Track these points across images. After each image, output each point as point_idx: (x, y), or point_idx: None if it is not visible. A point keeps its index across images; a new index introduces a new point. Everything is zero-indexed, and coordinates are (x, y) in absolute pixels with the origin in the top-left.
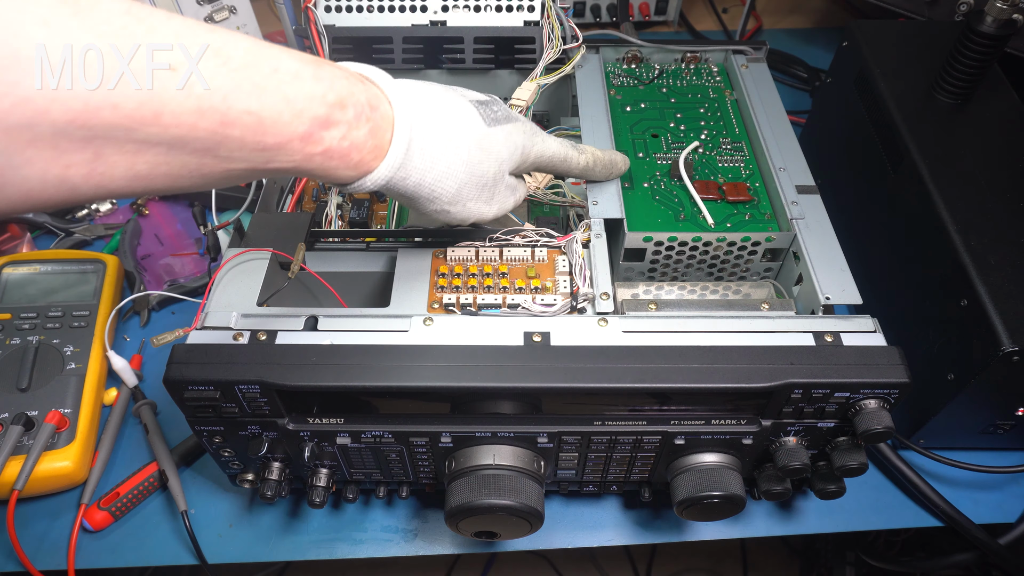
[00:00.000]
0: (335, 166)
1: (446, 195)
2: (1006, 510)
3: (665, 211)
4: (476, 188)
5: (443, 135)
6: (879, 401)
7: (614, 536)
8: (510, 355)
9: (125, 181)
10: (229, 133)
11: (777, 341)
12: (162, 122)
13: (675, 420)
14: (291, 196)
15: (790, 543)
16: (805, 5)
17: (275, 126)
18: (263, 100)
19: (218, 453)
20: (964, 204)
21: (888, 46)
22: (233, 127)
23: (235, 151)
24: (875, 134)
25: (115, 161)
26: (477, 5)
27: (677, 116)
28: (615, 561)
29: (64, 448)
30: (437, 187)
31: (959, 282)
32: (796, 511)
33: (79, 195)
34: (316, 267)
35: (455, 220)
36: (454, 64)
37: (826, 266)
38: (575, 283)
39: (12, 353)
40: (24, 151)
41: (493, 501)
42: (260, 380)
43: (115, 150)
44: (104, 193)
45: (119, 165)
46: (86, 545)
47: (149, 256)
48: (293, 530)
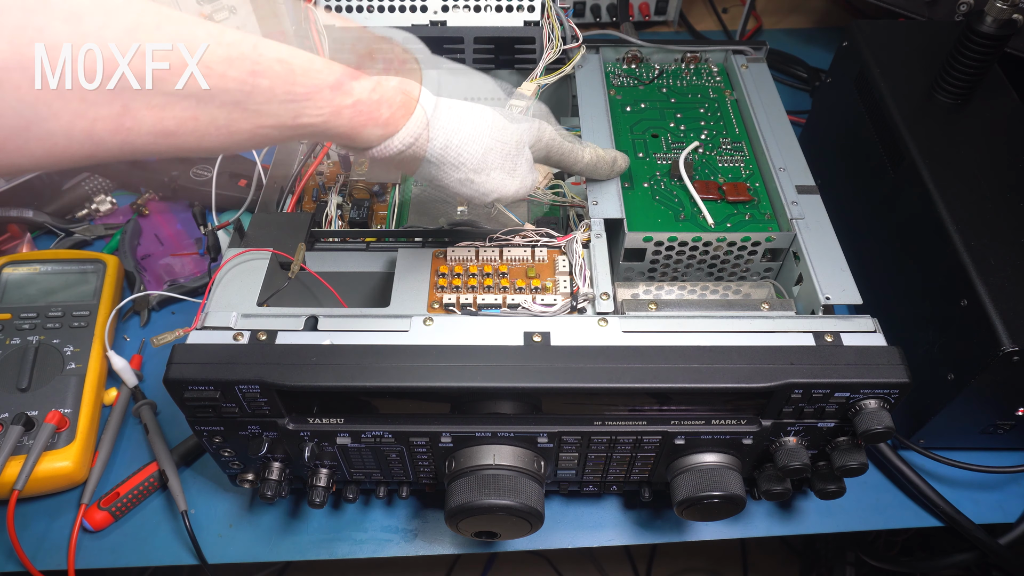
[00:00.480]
0: (363, 123)
1: (472, 160)
2: (1006, 510)
3: (665, 211)
4: (500, 156)
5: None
6: (879, 401)
7: (614, 536)
8: (510, 355)
9: (152, 137)
10: (259, 83)
11: (777, 341)
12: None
13: (675, 420)
14: (291, 196)
15: (790, 543)
16: (805, 5)
17: (306, 75)
18: (293, 52)
19: (218, 453)
20: (964, 204)
21: (888, 46)
22: (263, 76)
23: (264, 103)
24: (875, 134)
25: (143, 116)
26: (477, 5)
27: (677, 116)
28: (615, 561)
29: (64, 448)
30: (464, 150)
31: (959, 282)
32: (796, 511)
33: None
34: (316, 267)
35: (477, 193)
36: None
37: (826, 266)
38: (575, 283)
39: (12, 353)
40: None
41: (493, 501)
42: (260, 380)
43: (143, 104)
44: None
45: (147, 120)
46: (86, 545)
47: (149, 256)
48: (293, 530)
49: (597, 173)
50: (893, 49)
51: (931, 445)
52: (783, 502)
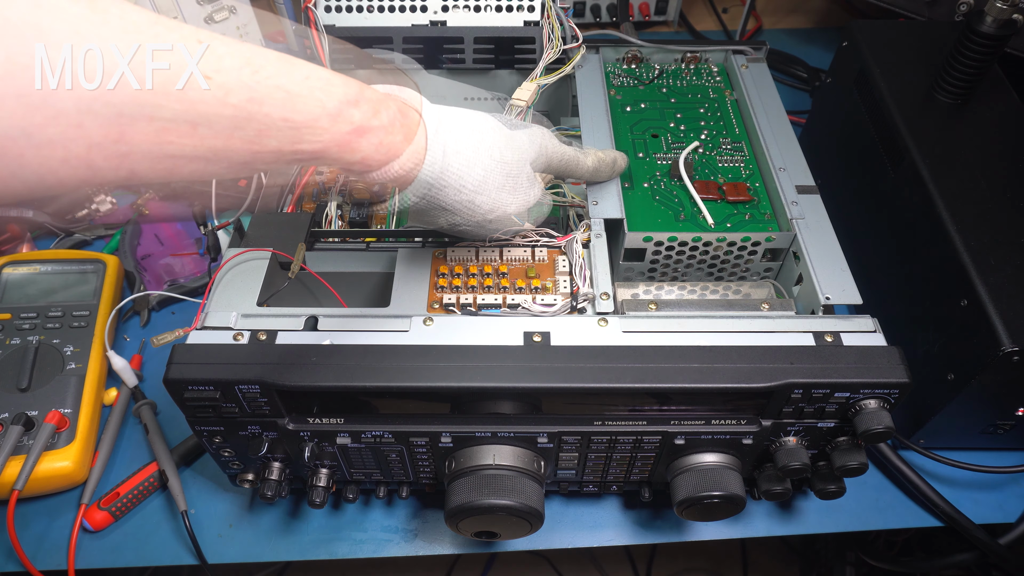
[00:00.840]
0: (363, 147)
1: (473, 182)
2: (1006, 510)
3: (665, 211)
4: (502, 175)
5: (475, 139)
6: (879, 401)
7: (614, 536)
8: (510, 355)
9: (149, 162)
10: (258, 110)
11: (777, 341)
12: (188, 97)
13: (675, 420)
14: (291, 196)
15: (790, 543)
16: (805, 5)
17: (305, 102)
18: (292, 76)
19: (218, 453)
20: (964, 204)
21: (888, 46)
22: (262, 103)
23: (263, 130)
24: (875, 134)
25: (139, 141)
26: (477, 5)
27: (677, 116)
28: (615, 561)
29: (64, 448)
30: (464, 172)
31: (959, 282)
32: (796, 511)
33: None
34: (316, 267)
35: (479, 213)
36: (454, 64)
37: (826, 266)
38: (575, 283)
39: (12, 353)
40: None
41: (493, 501)
42: (260, 380)
43: (140, 129)
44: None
45: (143, 145)
46: (86, 545)
47: (149, 256)
48: (293, 530)
49: (599, 177)
50: (893, 49)
51: (931, 445)
52: (783, 502)
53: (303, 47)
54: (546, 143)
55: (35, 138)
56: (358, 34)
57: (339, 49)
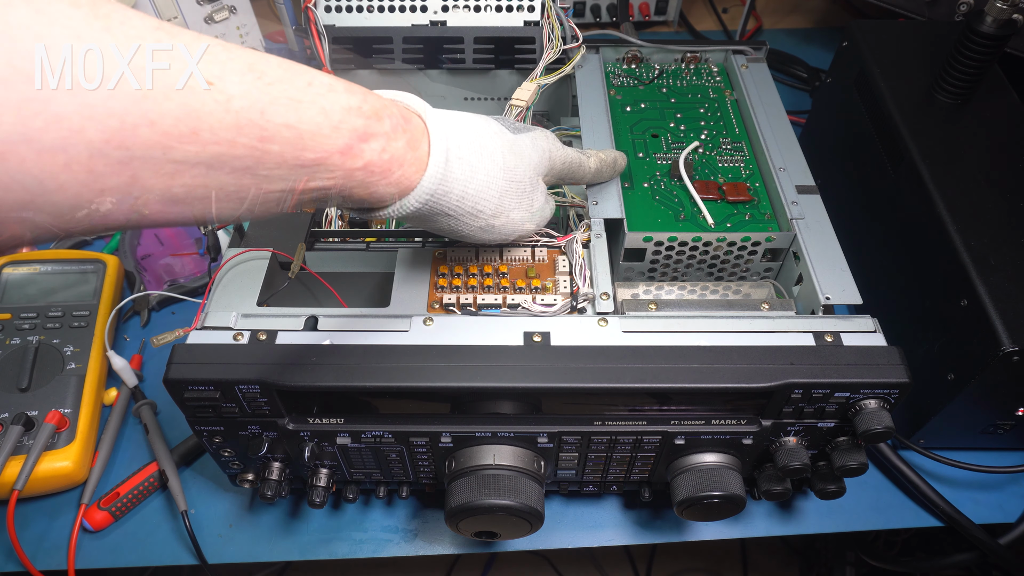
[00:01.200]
0: (375, 182)
1: (489, 207)
2: (1006, 510)
3: (665, 211)
4: (516, 196)
5: (477, 144)
6: (879, 401)
7: (614, 536)
8: (510, 355)
9: (160, 206)
10: (268, 149)
11: (777, 341)
12: (200, 139)
13: (675, 420)
14: None
15: (790, 543)
16: (805, 5)
17: (314, 140)
18: (300, 113)
19: (218, 453)
20: (964, 204)
21: (888, 46)
22: (272, 142)
23: (274, 169)
24: (875, 134)
25: (151, 185)
26: (477, 5)
27: (677, 116)
28: (615, 561)
29: (64, 448)
30: (480, 198)
31: (959, 282)
32: (796, 511)
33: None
34: (316, 267)
35: (498, 235)
36: (454, 64)
37: (826, 266)
38: (575, 283)
39: (12, 353)
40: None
41: (493, 501)
42: (260, 380)
43: (152, 172)
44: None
45: (155, 189)
46: (86, 545)
47: (149, 256)
48: (293, 530)
49: (601, 178)
50: (893, 49)
51: (931, 445)
52: (783, 502)
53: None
54: (550, 147)
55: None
56: (358, 34)
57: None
